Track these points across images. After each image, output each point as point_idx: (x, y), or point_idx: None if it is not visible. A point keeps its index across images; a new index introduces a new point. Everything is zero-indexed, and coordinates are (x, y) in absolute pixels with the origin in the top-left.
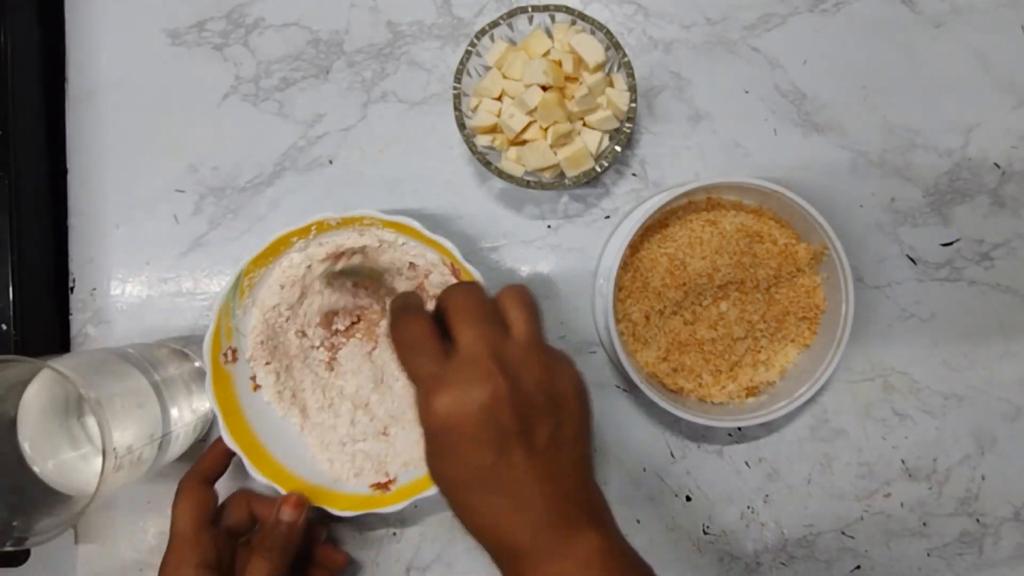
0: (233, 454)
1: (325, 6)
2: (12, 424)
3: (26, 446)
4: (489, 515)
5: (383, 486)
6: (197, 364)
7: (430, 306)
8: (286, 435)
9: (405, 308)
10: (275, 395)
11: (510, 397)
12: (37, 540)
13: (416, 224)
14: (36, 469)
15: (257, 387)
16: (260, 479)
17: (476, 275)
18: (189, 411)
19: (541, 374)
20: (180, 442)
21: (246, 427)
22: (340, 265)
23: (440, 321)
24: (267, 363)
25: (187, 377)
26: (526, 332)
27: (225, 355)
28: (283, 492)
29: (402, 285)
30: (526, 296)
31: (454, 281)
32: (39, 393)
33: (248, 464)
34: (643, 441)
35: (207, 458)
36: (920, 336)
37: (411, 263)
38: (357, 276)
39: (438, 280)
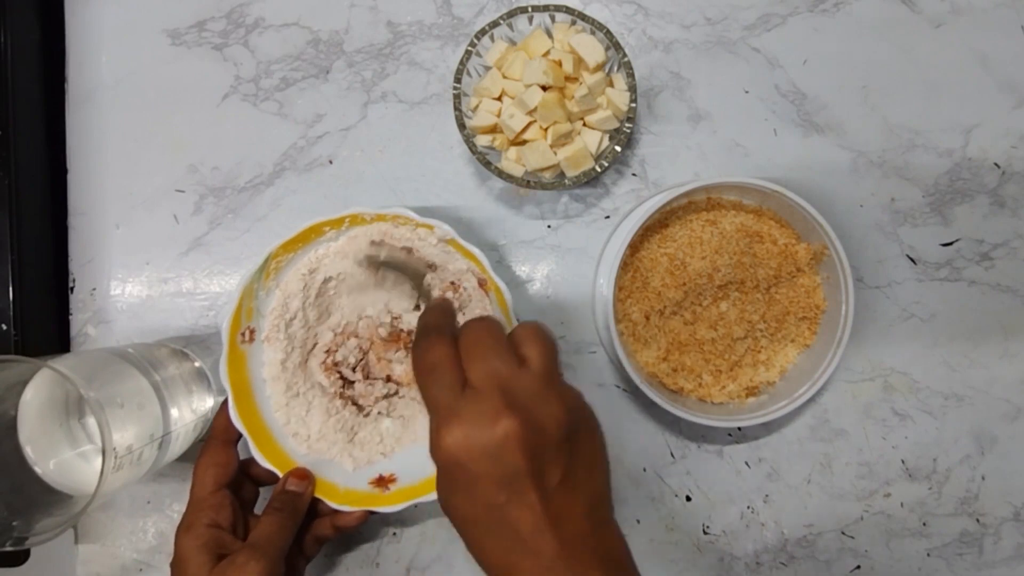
0: None
1: (325, 6)
2: (12, 424)
3: (26, 446)
4: (499, 556)
5: (382, 484)
6: (197, 364)
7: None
8: (291, 422)
9: (431, 328)
10: (283, 378)
11: (520, 436)
12: (37, 540)
13: (450, 230)
14: (36, 469)
15: (268, 368)
16: (263, 462)
17: (503, 287)
18: (189, 411)
19: (555, 411)
20: (180, 442)
21: (255, 409)
22: (384, 254)
23: None
24: (280, 344)
25: (187, 377)
26: (541, 367)
27: (243, 335)
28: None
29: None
30: (541, 331)
31: (479, 291)
32: (39, 393)
33: (252, 446)
34: (643, 441)
35: (225, 422)
36: (920, 336)
37: (452, 283)
38: (398, 270)
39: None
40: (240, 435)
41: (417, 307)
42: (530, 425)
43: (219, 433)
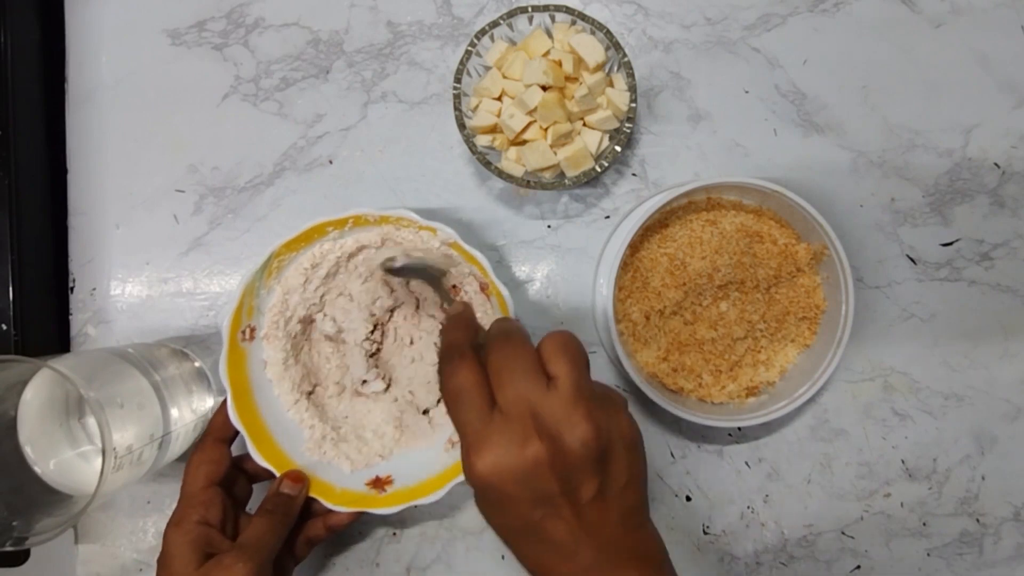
0: None
1: (325, 6)
2: (12, 424)
3: (26, 446)
4: (539, 561)
5: (379, 486)
6: (197, 364)
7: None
8: (289, 421)
9: (455, 348)
10: (281, 377)
11: (550, 460)
12: (37, 540)
13: (452, 233)
14: (36, 469)
15: (267, 367)
16: (260, 461)
17: (504, 291)
18: (189, 411)
19: (586, 430)
20: (180, 442)
21: (253, 407)
22: (400, 262)
23: None
24: (280, 343)
25: (187, 377)
26: (570, 385)
27: (243, 332)
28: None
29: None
30: (570, 344)
31: (480, 296)
32: (39, 393)
33: (250, 444)
34: (643, 441)
35: (222, 419)
36: (920, 336)
37: (454, 286)
38: (417, 274)
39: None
40: (235, 434)
41: (443, 307)
42: (560, 449)
43: (214, 431)
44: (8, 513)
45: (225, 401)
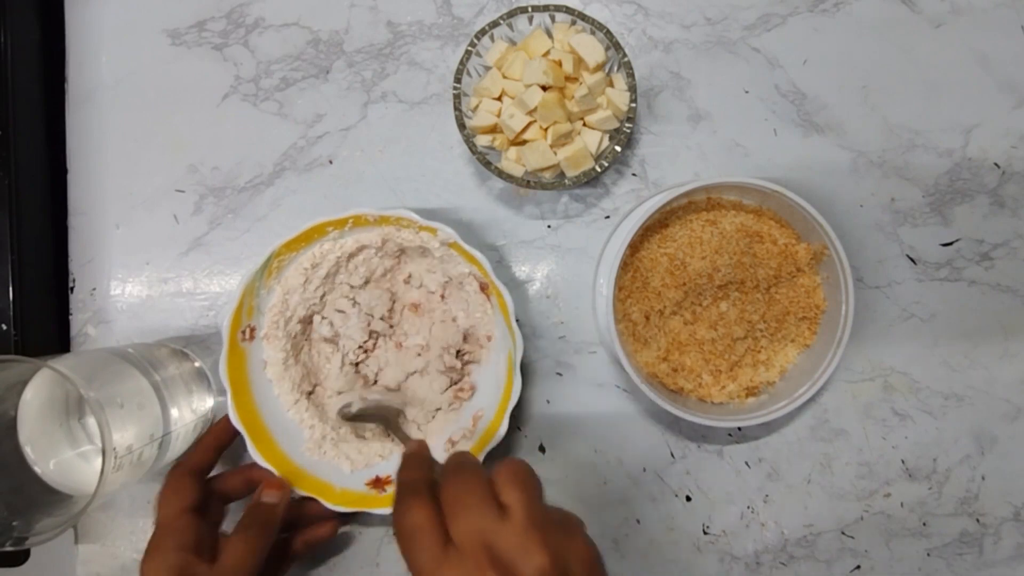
0: (225, 447)
1: (325, 6)
2: (12, 424)
3: (26, 446)
4: None
5: (379, 486)
6: (197, 364)
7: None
8: (289, 421)
9: (408, 487)
10: (281, 377)
11: None
12: (37, 540)
13: (452, 233)
14: (36, 469)
15: (267, 367)
16: (260, 461)
17: (504, 292)
18: (189, 411)
19: (541, 559)
20: (180, 442)
21: (253, 407)
22: (356, 407)
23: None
24: (280, 343)
25: (187, 377)
26: (523, 513)
27: (243, 332)
28: (280, 477)
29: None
30: (521, 471)
31: (480, 296)
32: (39, 393)
33: (250, 445)
34: (643, 441)
35: (196, 452)
36: (920, 336)
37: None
38: (373, 419)
39: (459, 297)
40: (209, 467)
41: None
42: None
43: (189, 463)
44: (8, 513)
45: (206, 434)
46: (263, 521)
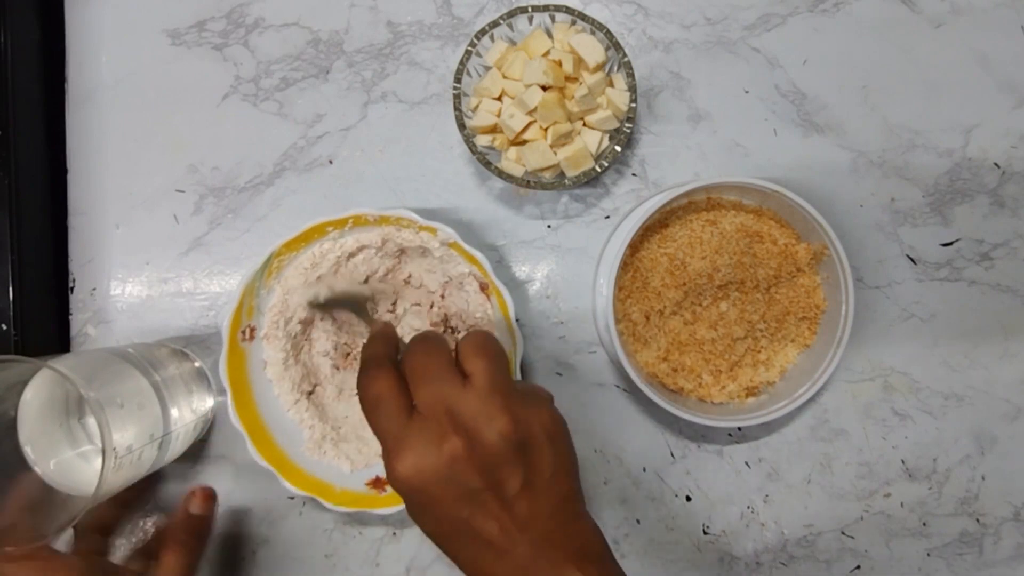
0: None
1: (325, 6)
2: (12, 424)
3: (26, 446)
4: (473, 564)
5: (379, 486)
6: (197, 364)
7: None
8: (289, 421)
9: (372, 359)
10: (281, 377)
11: (468, 454)
12: (37, 540)
13: (452, 233)
14: (36, 469)
15: (267, 367)
16: (260, 462)
17: (504, 291)
18: (189, 411)
19: (503, 422)
20: (180, 442)
21: (253, 407)
22: (324, 295)
23: None
24: (280, 343)
25: (187, 377)
26: (486, 380)
27: (243, 332)
28: (280, 477)
29: (399, 310)
30: (486, 342)
31: (480, 296)
32: (39, 393)
33: (250, 445)
34: (643, 441)
35: (99, 510)
36: (920, 336)
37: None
38: (342, 306)
39: (459, 297)
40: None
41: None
42: (477, 442)
43: (91, 526)
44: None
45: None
46: (195, 532)
